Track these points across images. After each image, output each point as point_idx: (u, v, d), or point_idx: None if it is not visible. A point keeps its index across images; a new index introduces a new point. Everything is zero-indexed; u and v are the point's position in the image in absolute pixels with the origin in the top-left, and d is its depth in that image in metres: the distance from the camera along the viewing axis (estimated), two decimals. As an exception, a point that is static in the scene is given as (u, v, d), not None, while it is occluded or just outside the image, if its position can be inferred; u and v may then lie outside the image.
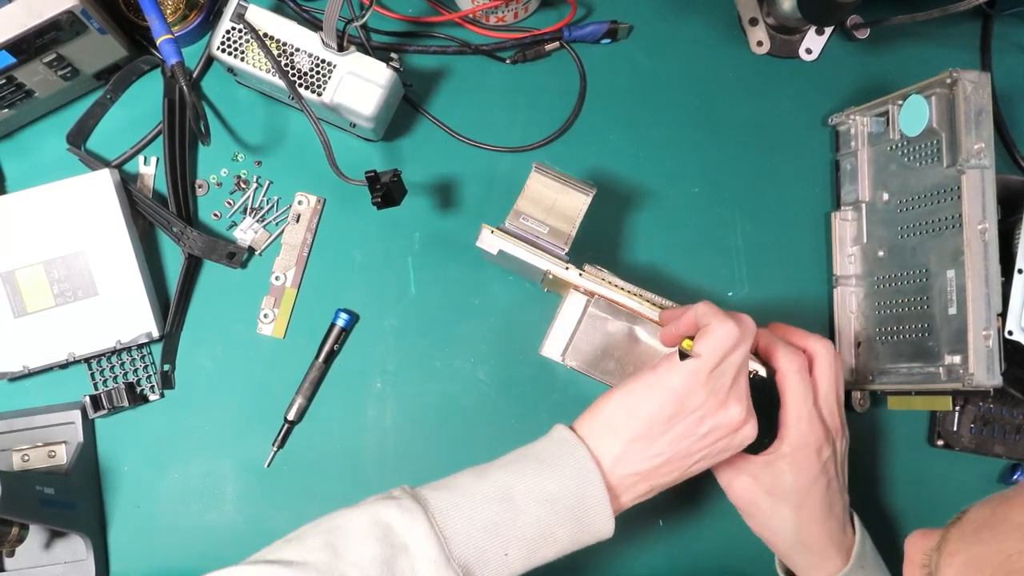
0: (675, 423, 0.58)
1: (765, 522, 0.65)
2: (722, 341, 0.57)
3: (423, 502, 0.55)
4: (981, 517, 0.42)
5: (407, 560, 0.52)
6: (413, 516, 0.53)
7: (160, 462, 0.74)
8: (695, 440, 0.58)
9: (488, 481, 0.56)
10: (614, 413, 0.58)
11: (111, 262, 0.72)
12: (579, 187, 0.69)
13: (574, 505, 0.56)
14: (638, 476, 0.58)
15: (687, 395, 0.57)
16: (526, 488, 0.56)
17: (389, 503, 0.55)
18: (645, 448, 0.58)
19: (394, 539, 0.53)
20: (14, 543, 0.66)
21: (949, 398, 0.70)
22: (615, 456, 0.57)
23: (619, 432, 0.58)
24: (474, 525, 0.54)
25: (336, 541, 0.53)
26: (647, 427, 0.57)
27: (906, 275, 0.71)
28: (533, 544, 0.55)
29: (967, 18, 0.81)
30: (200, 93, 0.77)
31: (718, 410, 0.58)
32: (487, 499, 0.55)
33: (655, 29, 0.80)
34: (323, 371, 0.75)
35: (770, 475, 0.64)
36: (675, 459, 0.58)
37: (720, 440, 0.59)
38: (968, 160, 0.64)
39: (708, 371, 0.57)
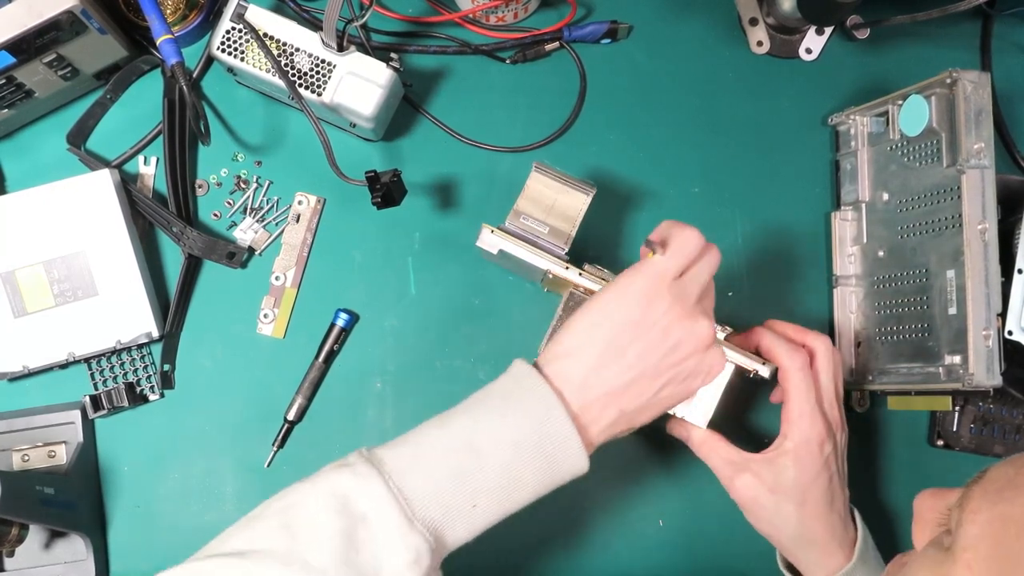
0: (641, 332, 0.55)
1: (768, 519, 0.65)
2: (684, 245, 0.56)
3: (379, 464, 0.52)
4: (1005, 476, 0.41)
5: (367, 530, 0.49)
6: (368, 481, 0.50)
7: (160, 462, 0.74)
8: (663, 355, 0.55)
9: (448, 431, 0.53)
10: (578, 329, 0.56)
11: (111, 262, 0.72)
12: (579, 187, 0.69)
13: (541, 443, 0.53)
14: (607, 396, 0.55)
15: (652, 297, 0.55)
16: (488, 434, 0.53)
17: (343, 471, 0.51)
18: (612, 362, 0.55)
19: (352, 509, 0.50)
20: (14, 543, 0.66)
21: (949, 398, 0.70)
22: (582, 377, 0.54)
23: (584, 350, 0.55)
24: (436, 480, 0.51)
25: (292, 521, 0.50)
26: (613, 338, 0.55)
27: (906, 275, 0.71)
28: (503, 492, 0.53)
29: (967, 18, 0.81)
30: (200, 93, 0.77)
31: (684, 320, 0.55)
32: (448, 449, 0.52)
33: (655, 29, 0.80)
34: (323, 371, 0.75)
35: (773, 472, 0.64)
36: (644, 376, 0.55)
37: (689, 358, 0.56)
38: (968, 160, 0.64)
39: (672, 274, 0.55)
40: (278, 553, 0.48)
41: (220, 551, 0.50)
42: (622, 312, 0.55)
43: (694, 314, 0.56)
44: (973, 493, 0.41)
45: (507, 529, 0.75)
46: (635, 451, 0.76)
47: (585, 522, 0.75)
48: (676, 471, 0.76)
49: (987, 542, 0.39)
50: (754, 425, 0.77)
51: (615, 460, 0.76)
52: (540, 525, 0.75)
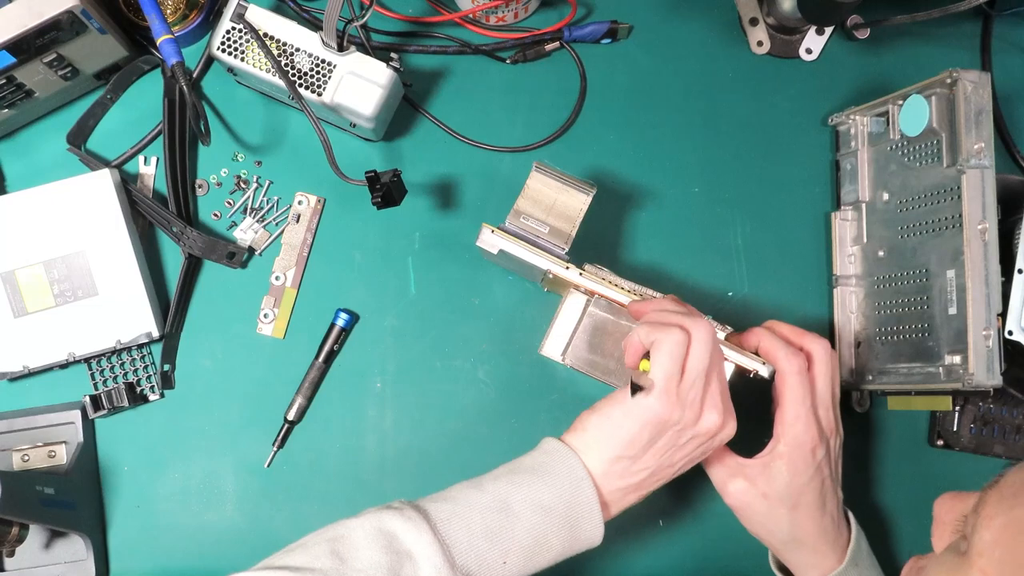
0: (656, 445, 0.59)
1: (761, 522, 0.66)
2: (673, 352, 0.58)
3: (423, 512, 0.55)
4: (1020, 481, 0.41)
5: (412, 567, 0.53)
6: (416, 524, 0.54)
7: (160, 462, 0.74)
8: (677, 450, 0.60)
9: (485, 492, 0.57)
10: (596, 434, 0.59)
11: (111, 262, 0.72)
12: (579, 187, 0.69)
13: (567, 513, 0.57)
14: (626, 489, 0.59)
15: (664, 417, 0.58)
16: (522, 497, 0.57)
17: (391, 512, 0.55)
18: (629, 465, 0.59)
19: (398, 547, 0.53)
20: (14, 543, 0.66)
21: (949, 398, 0.70)
22: (605, 470, 0.59)
23: (602, 451, 0.59)
24: (474, 533, 0.55)
25: (341, 549, 0.53)
26: (628, 447, 0.58)
27: (906, 275, 0.71)
28: (529, 552, 0.56)
29: (967, 18, 0.81)
30: (200, 93, 0.77)
31: (696, 422, 0.59)
32: (485, 508, 0.56)
33: (655, 29, 0.80)
34: (323, 371, 0.75)
35: (766, 476, 0.64)
36: (659, 470, 0.60)
37: (701, 446, 0.60)
38: (968, 160, 0.64)
39: (675, 388, 0.58)
40: (327, 572, 0.52)
41: (273, 564, 0.53)
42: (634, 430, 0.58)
43: (702, 413, 0.59)
44: (989, 498, 0.41)
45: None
46: (635, 451, 0.76)
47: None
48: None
49: (1001, 548, 0.39)
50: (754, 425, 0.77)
51: (615, 460, 0.76)
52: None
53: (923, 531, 0.77)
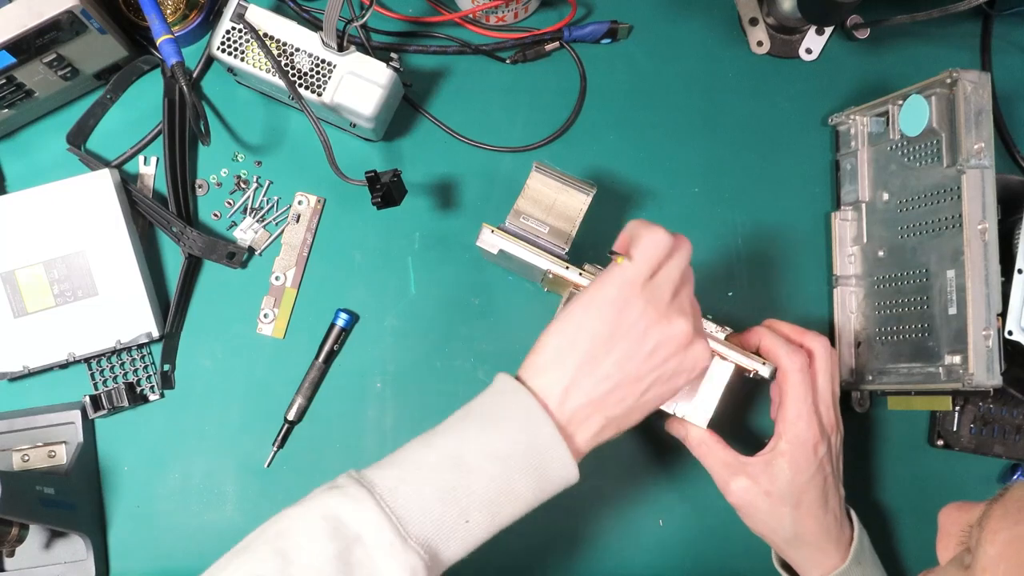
0: (617, 340, 0.55)
1: (764, 520, 0.66)
2: (651, 248, 0.55)
3: (369, 485, 0.52)
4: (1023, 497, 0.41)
5: (362, 550, 0.49)
6: (360, 503, 0.50)
7: (160, 462, 0.74)
8: (642, 360, 0.55)
9: (434, 448, 0.53)
10: (555, 343, 0.56)
11: (111, 262, 0.72)
12: (579, 187, 0.69)
13: (528, 455, 0.53)
14: (590, 407, 0.55)
15: (623, 305, 0.54)
16: (475, 449, 0.53)
17: (334, 493, 0.52)
18: (591, 371, 0.54)
19: (345, 531, 0.50)
20: (14, 543, 0.66)
21: (949, 398, 0.70)
22: (563, 388, 0.54)
23: (563, 362, 0.55)
24: (426, 498, 0.51)
25: (285, 546, 0.50)
26: (590, 348, 0.54)
27: (906, 275, 0.71)
28: (494, 506, 0.53)
29: (967, 18, 0.81)
30: (200, 93, 0.77)
31: (660, 322, 0.55)
32: (436, 468, 0.52)
33: (655, 29, 0.80)
34: (323, 371, 0.75)
35: (768, 475, 0.64)
36: (624, 383, 0.55)
37: (669, 360, 0.56)
38: (968, 160, 0.64)
39: (642, 280, 0.55)
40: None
41: None
42: (595, 322, 0.55)
43: (669, 315, 0.55)
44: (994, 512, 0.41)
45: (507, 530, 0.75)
46: (635, 451, 0.76)
47: (585, 522, 0.75)
48: (676, 471, 0.76)
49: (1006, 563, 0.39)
50: (754, 425, 0.77)
51: (615, 461, 0.76)
52: (541, 526, 0.75)
53: (923, 531, 0.77)
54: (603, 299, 0.55)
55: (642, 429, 0.76)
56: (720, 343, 0.66)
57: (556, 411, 0.54)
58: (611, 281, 0.55)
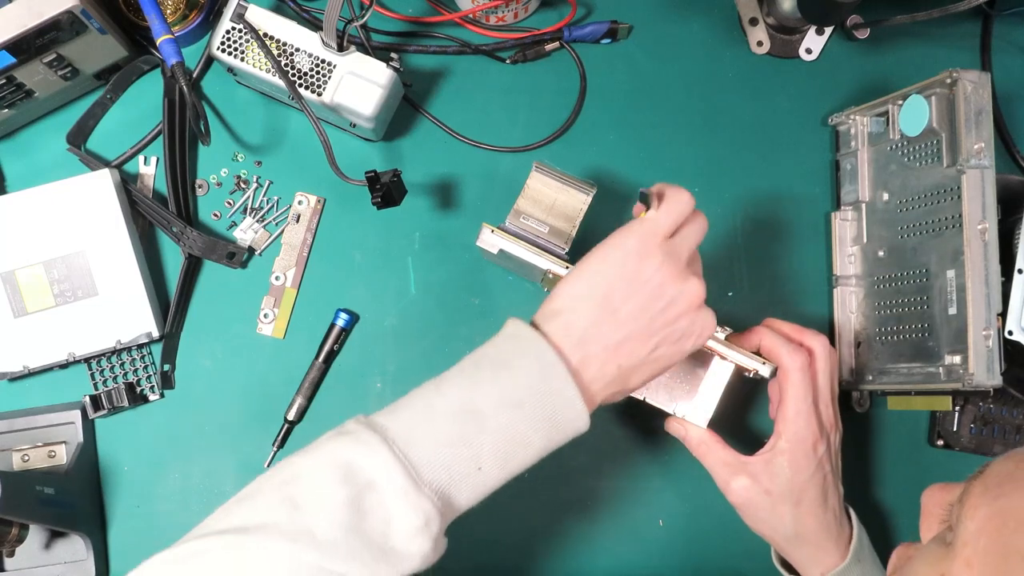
0: (634, 289, 0.54)
1: (764, 519, 0.66)
2: (678, 204, 0.56)
3: (381, 431, 0.51)
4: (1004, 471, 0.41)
5: (375, 496, 0.48)
6: (372, 448, 0.49)
7: (160, 462, 0.74)
8: (656, 313, 0.55)
9: (446, 395, 0.53)
10: (571, 290, 0.55)
11: (111, 262, 0.72)
12: (579, 186, 0.69)
13: (542, 402, 0.52)
14: (605, 352, 0.54)
15: (643, 256, 0.54)
16: (488, 395, 0.52)
17: (345, 439, 0.50)
18: (606, 318, 0.54)
19: (357, 476, 0.49)
20: (14, 543, 0.66)
21: (949, 398, 0.70)
22: (579, 334, 0.54)
23: (578, 307, 0.54)
24: (439, 445, 0.50)
25: (294, 492, 0.48)
26: (608, 294, 0.54)
27: (906, 275, 0.71)
28: (507, 453, 0.52)
29: (967, 18, 0.81)
30: (200, 93, 0.77)
31: (676, 279, 0.55)
32: (449, 414, 0.51)
33: (655, 29, 0.80)
34: (323, 371, 0.75)
35: (768, 473, 0.64)
36: (637, 334, 0.54)
37: (681, 318, 0.56)
38: (968, 160, 0.64)
39: (664, 232, 0.55)
40: (282, 526, 0.47)
41: (218, 528, 0.48)
42: (615, 268, 0.55)
43: (685, 273, 0.56)
44: (973, 488, 0.41)
45: (507, 529, 0.75)
46: (635, 452, 0.76)
47: (585, 522, 0.75)
48: (676, 471, 0.76)
49: (986, 538, 0.39)
50: (754, 425, 0.77)
51: (615, 461, 0.76)
52: (540, 525, 0.75)
53: (923, 531, 0.77)
54: (624, 248, 0.55)
55: (642, 429, 0.76)
56: (720, 343, 0.66)
57: (570, 355, 0.53)
58: (633, 232, 0.55)
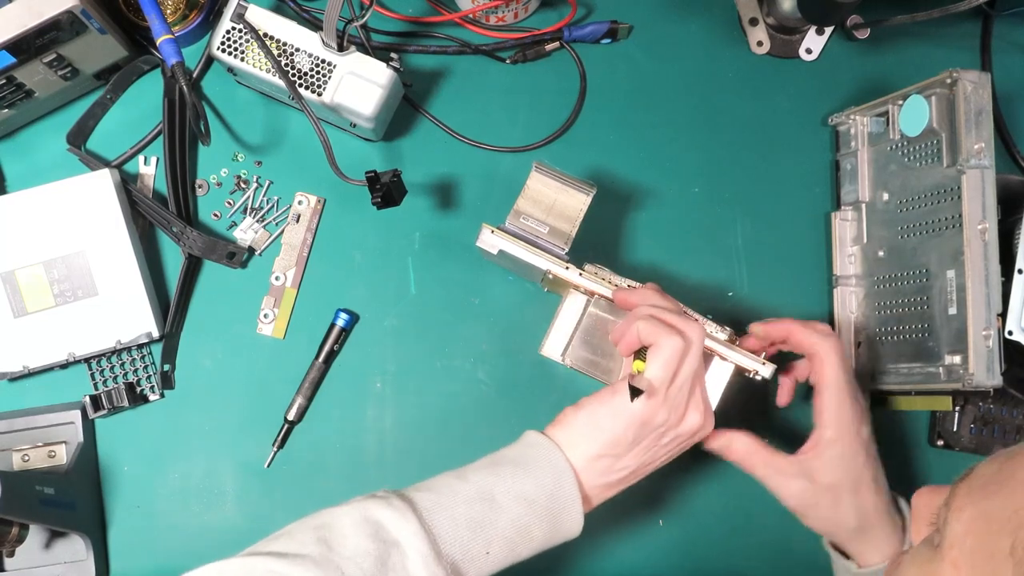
0: (640, 442, 0.60)
1: (827, 516, 0.65)
2: (672, 359, 0.59)
3: (409, 501, 0.56)
4: (989, 473, 0.41)
5: (399, 555, 0.53)
6: (403, 514, 0.54)
7: (160, 462, 0.74)
8: (658, 449, 0.61)
9: (468, 482, 0.57)
10: (580, 431, 0.60)
11: (111, 262, 0.72)
12: (579, 187, 0.69)
13: (549, 505, 0.58)
14: (605, 486, 0.60)
15: (649, 418, 0.59)
16: (506, 489, 0.57)
17: (377, 501, 0.55)
18: (612, 463, 0.60)
19: (385, 535, 0.53)
20: (14, 543, 0.66)
21: (949, 398, 0.70)
22: (587, 459, 0.59)
23: (585, 447, 0.59)
24: (458, 524, 0.55)
25: (328, 536, 0.53)
26: (612, 446, 0.59)
27: (906, 275, 0.71)
28: (512, 543, 0.57)
29: (967, 18, 0.81)
30: (200, 93, 0.77)
31: (680, 423, 0.60)
32: (469, 499, 0.56)
33: (655, 29, 0.80)
34: (323, 371, 0.75)
35: (824, 468, 0.64)
36: (639, 468, 0.61)
37: (681, 444, 0.62)
38: (968, 160, 0.64)
39: (665, 392, 0.59)
40: (316, 559, 0.52)
41: (260, 551, 0.53)
42: (621, 429, 0.59)
43: (686, 414, 0.61)
44: (959, 491, 0.42)
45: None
46: (635, 451, 0.76)
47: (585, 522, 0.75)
48: (675, 471, 0.76)
49: (971, 539, 0.40)
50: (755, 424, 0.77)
51: (615, 460, 0.76)
52: (540, 525, 0.75)
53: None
54: (630, 413, 0.59)
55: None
56: (720, 343, 0.66)
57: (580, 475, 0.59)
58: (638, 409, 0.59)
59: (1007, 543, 0.38)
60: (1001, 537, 0.38)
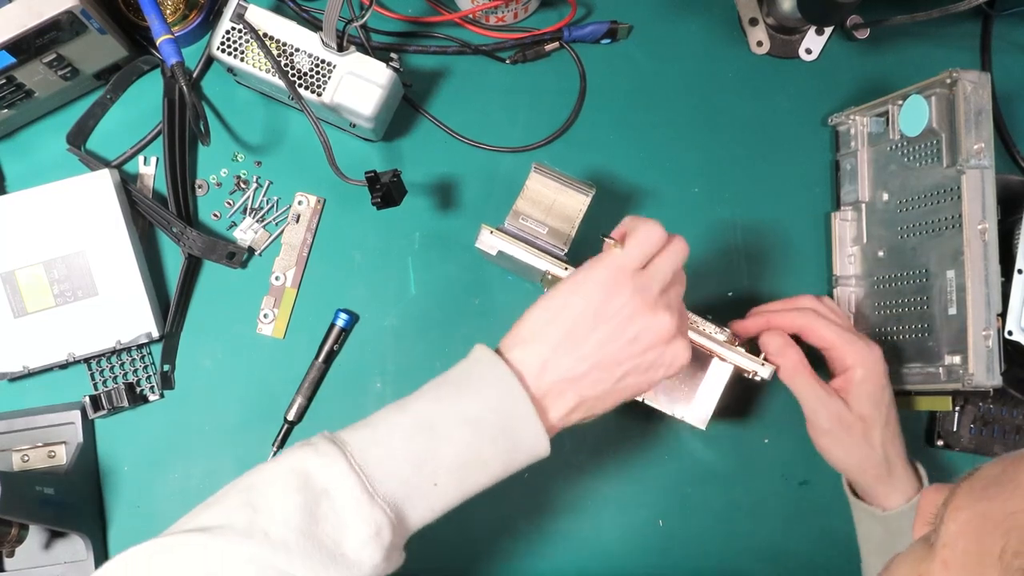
0: (601, 322, 0.55)
1: (856, 445, 0.67)
2: (645, 239, 0.56)
3: (341, 444, 0.52)
4: (991, 475, 0.41)
5: (329, 503, 0.50)
6: (330, 458, 0.51)
7: (160, 462, 0.74)
8: (622, 345, 0.55)
9: (407, 412, 0.54)
10: (538, 317, 0.56)
11: (111, 262, 0.72)
12: (579, 187, 0.69)
13: (500, 423, 0.53)
14: (565, 383, 0.55)
15: (612, 289, 0.55)
16: (447, 413, 0.53)
17: (305, 449, 0.52)
18: (571, 350, 0.55)
19: (313, 484, 0.51)
20: (14, 543, 0.66)
21: (949, 398, 0.70)
22: (541, 361, 0.55)
23: (544, 336, 0.55)
24: (397, 459, 0.52)
25: (254, 498, 0.51)
26: (572, 327, 0.55)
27: (906, 275, 0.71)
28: (463, 471, 0.53)
29: (967, 18, 0.81)
30: (200, 93, 0.77)
31: (645, 312, 0.55)
32: (408, 430, 0.53)
33: (655, 29, 0.80)
34: (323, 371, 0.75)
35: (855, 401, 0.66)
36: (602, 364, 0.55)
37: (649, 351, 0.56)
38: (968, 160, 0.64)
39: (633, 267, 0.56)
40: (240, 527, 0.49)
41: (184, 528, 0.51)
42: (581, 302, 0.55)
43: (655, 307, 0.56)
44: (960, 490, 0.42)
45: (507, 528, 0.75)
46: (636, 452, 0.76)
47: (585, 522, 0.75)
48: (675, 471, 0.76)
49: (964, 539, 0.40)
50: (754, 424, 0.77)
51: (615, 461, 0.76)
52: (541, 525, 0.75)
53: (923, 531, 0.77)
54: (593, 280, 0.56)
55: (643, 430, 0.76)
56: (720, 343, 0.66)
57: (532, 383, 0.55)
58: (603, 264, 0.56)
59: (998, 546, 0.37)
60: (993, 539, 0.38)
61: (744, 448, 0.71)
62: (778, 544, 0.74)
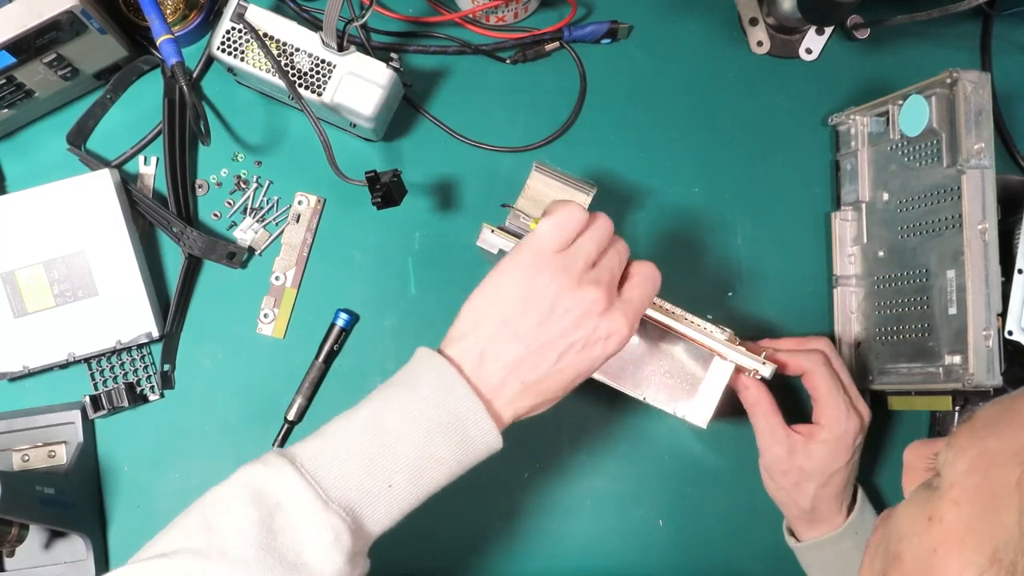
0: (529, 305, 0.55)
1: (787, 490, 0.69)
2: (565, 219, 0.56)
3: (291, 456, 0.53)
4: (992, 414, 0.42)
5: (284, 516, 0.51)
6: (280, 470, 0.52)
7: (160, 462, 0.74)
8: (551, 324, 0.55)
9: (355, 419, 0.54)
10: (470, 311, 0.57)
11: (111, 262, 0.72)
12: (579, 186, 0.69)
13: (446, 419, 0.54)
14: (505, 370, 0.55)
15: (535, 271, 0.55)
16: (395, 414, 0.54)
17: (255, 465, 0.53)
18: (504, 336, 0.55)
19: (267, 499, 0.51)
20: (14, 543, 0.66)
21: (949, 398, 0.70)
22: (478, 352, 0.55)
23: (478, 328, 0.56)
24: (348, 464, 0.52)
25: (210, 518, 0.51)
26: (503, 313, 0.55)
27: (906, 275, 0.71)
28: (417, 470, 0.53)
29: (967, 18, 0.81)
30: (200, 93, 0.77)
31: (570, 289, 0.55)
32: (357, 434, 0.53)
33: (655, 29, 0.80)
34: (323, 371, 0.75)
35: (805, 453, 0.67)
36: (536, 347, 0.55)
37: (580, 326, 0.55)
38: (968, 160, 0.64)
39: (553, 247, 0.56)
40: (197, 548, 0.50)
41: (143, 556, 0.51)
42: (508, 287, 0.56)
43: (580, 283, 0.55)
44: (961, 432, 0.43)
45: (508, 528, 0.75)
46: (635, 452, 0.76)
47: (586, 522, 0.75)
48: (675, 471, 0.76)
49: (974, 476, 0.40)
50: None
51: (614, 461, 0.76)
52: (541, 525, 0.75)
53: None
54: (515, 265, 0.56)
55: (642, 430, 0.76)
56: (720, 343, 0.66)
57: (472, 375, 0.55)
58: (523, 249, 0.56)
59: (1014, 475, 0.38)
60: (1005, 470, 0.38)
61: (744, 448, 0.70)
62: (778, 544, 0.74)
